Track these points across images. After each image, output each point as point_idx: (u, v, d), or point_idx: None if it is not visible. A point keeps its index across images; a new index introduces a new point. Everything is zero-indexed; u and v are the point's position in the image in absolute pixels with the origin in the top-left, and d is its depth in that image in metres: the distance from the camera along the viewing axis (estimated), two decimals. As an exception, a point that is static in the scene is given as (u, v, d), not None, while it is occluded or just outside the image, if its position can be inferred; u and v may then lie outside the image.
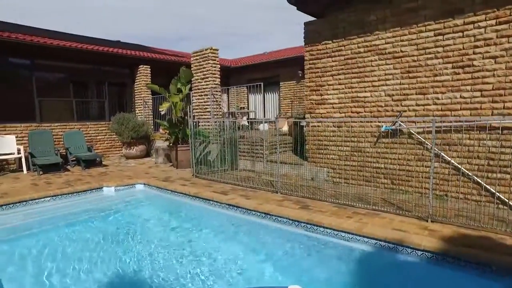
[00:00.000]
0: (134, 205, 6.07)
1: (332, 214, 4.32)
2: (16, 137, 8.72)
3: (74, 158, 9.01)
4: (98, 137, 10.72)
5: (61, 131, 9.72)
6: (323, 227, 3.98)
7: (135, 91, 11.77)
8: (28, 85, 9.44)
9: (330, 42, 6.08)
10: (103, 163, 9.44)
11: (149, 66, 11.59)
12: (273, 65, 13.70)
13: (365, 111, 5.71)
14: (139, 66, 11.47)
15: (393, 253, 3.44)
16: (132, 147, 10.26)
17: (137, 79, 11.63)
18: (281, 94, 13.90)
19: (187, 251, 4.00)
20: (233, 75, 15.47)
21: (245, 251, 3.95)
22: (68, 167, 8.89)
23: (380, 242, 3.54)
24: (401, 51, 5.21)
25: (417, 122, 5.09)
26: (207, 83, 8.46)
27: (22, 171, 8.30)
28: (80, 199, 6.05)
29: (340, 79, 6.00)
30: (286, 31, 66.17)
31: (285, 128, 11.31)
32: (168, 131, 8.40)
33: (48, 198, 5.77)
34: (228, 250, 4.02)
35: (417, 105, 5.10)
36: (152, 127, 11.12)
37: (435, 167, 4.80)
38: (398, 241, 3.42)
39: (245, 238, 4.40)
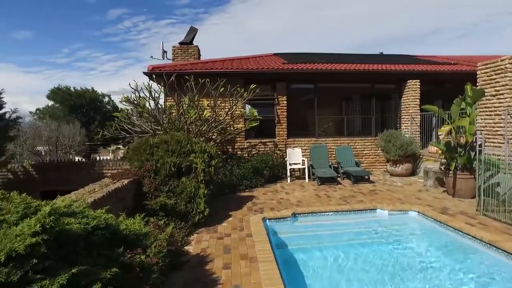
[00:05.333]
0: (408, 236, 5.93)
1: None
2: (301, 149, 10.50)
3: (344, 171, 9.85)
4: (364, 152, 11.26)
5: (333, 146, 10.87)
6: None
7: (402, 107, 11.51)
8: (311, 105, 11.19)
9: None
10: (370, 178, 9.80)
11: (418, 80, 11.03)
12: None
13: None
14: (407, 81, 11.12)
15: None
16: (397, 165, 10.10)
17: (405, 93, 11.32)
18: None
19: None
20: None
21: None
22: (339, 179, 9.81)
23: None
24: None
25: None
26: (501, 101, 7.01)
27: (305, 179, 9.88)
28: (356, 217, 6.48)
29: None
30: None
31: None
32: (445, 155, 7.66)
33: (331, 213, 6.54)
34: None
35: None
36: (419, 144, 10.53)
37: None
38: None
39: None
